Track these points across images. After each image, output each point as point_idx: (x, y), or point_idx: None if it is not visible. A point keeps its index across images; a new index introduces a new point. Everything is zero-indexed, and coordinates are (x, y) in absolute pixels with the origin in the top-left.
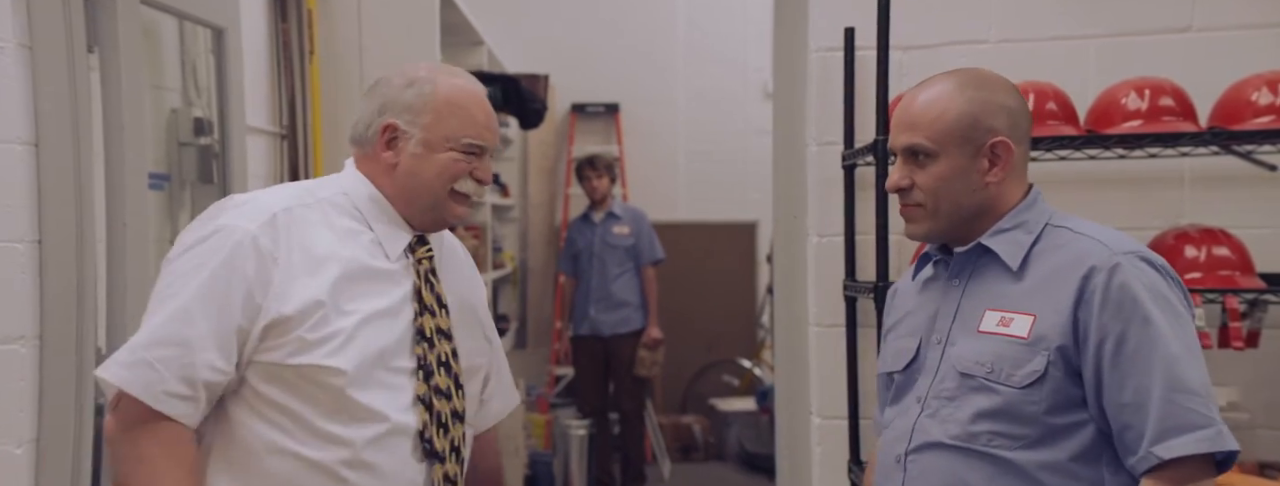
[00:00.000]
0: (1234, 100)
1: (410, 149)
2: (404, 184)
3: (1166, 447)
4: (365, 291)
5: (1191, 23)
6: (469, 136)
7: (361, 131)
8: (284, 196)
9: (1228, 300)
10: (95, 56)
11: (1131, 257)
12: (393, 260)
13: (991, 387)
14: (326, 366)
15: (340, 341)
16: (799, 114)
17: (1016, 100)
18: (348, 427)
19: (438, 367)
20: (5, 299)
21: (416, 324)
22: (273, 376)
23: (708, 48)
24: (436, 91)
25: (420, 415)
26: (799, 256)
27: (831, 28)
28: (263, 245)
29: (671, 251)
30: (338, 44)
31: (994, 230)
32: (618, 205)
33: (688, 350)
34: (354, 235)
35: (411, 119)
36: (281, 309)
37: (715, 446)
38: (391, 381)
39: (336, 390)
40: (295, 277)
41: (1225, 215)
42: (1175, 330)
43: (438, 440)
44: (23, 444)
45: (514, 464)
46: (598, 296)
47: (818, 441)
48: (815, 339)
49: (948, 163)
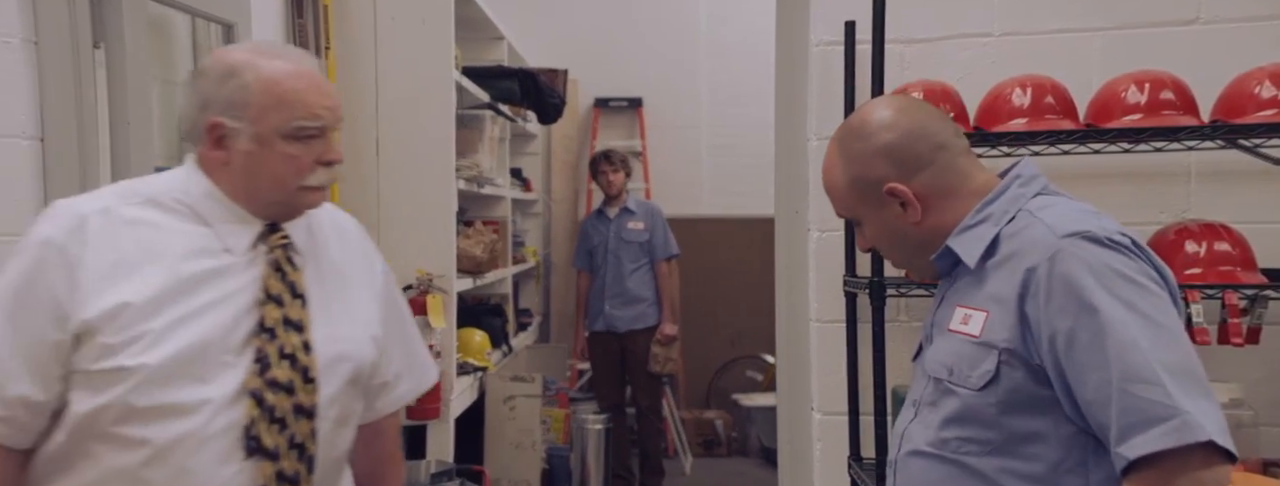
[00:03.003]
0: (1237, 94)
1: (241, 146)
2: (243, 182)
3: (1129, 447)
4: (189, 289)
5: (1198, 15)
6: (300, 120)
7: (189, 129)
8: (104, 197)
9: (1227, 296)
10: (101, 52)
11: (1074, 240)
12: (238, 253)
13: (954, 390)
14: (126, 367)
15: (147, 341)
16: (800, 108)
17: (903, 128)
18: (148, 427)
19: (278, 360)
20: None
21: (257, 314)
22: (78, 384)
23: (731, 41)
24: (257, 79)
25: (248, 409)
26: (800, 252)
27: (832, 21)
28: (69, 252)
29: (695, 246)
30: (352, 39)
31: (959, 229)
32: (633, 200)
33: (711, 345)
34: (181, 233)
35: (236, 114)
36: (84, 315)
37: (738, 441)
38: (211, 376)
39: (135, 388)
40: (102, 281)
41: (1231, 210)
42: (1131, 311)
43: (267, 436)
44: None
45: (531, 458)
46: (613, 292)
47: (818, 437)
48: (816, 334)
49: (869, 223)
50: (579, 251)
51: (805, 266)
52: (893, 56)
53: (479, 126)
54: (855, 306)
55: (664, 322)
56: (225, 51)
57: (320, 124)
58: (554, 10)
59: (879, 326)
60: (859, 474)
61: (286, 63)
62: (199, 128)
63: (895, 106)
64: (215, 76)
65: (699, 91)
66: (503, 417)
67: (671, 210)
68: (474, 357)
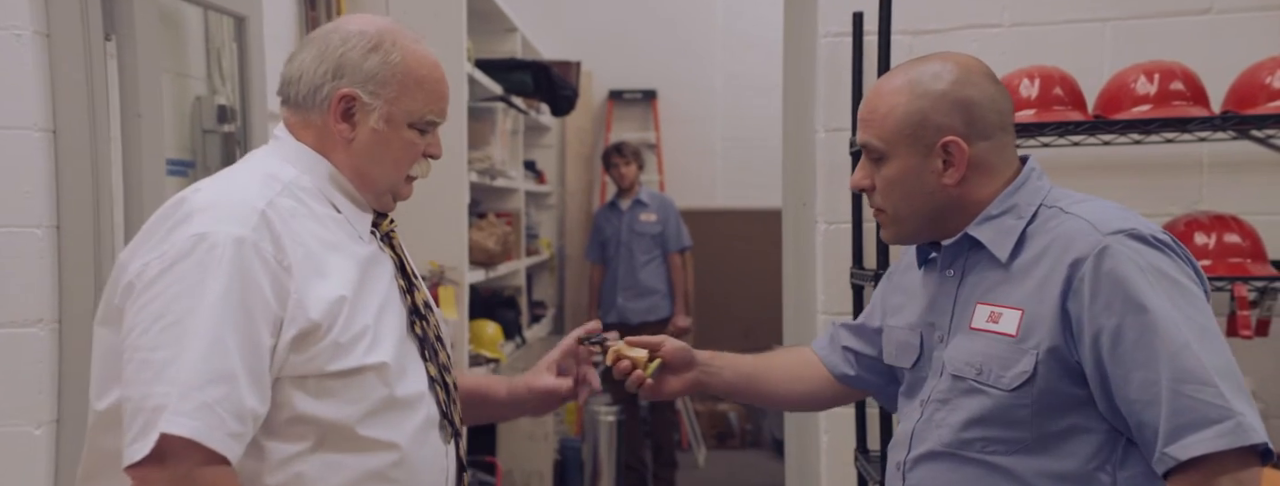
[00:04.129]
0: (1248, 84)
1: (371, 123)
2: (359, 163)
3: (1181, 447)
4: (369, 278)
5: (1212, 4)
6: (433, 113)
7: (306, 94)
8: (253, 189)
9: (1236, 288)
10: (112, 44)
11: (1121, 238)
12: (366, 241)
13: (982, 390)
14: (372, 364)
15: (371, 336)
16: (808, 99)
17: (985, 91)
18: (392, 428)
19: (436, 342)
20: (24, 283)
21: (409, 302)
22: (312, 389)
23: (746, 33)
24: (404, 61)
25: (438, 394)
26: (807, 244)
27: (840, 12)
28: (266, 251)
29: (709, 238)
30: None
31: (981, 217)
32: (645, 192)
33: (724, 337)
34: (334, 220)
35: (374, 90)
36: (309, 316)
37: (751, 433)
38: (412, 367)
39: (382, 387)
40: (309, 279)
41: (1244, 201)
42: (1181, 312)
43: (454, 416)
44: (42, 425)
45: (544, 449)
46: (625, 284)
47: (825, 429)
48: (823, 327)
49: (897, 164)
50: (591, 244)
51: (813, 258)
52: (901, 47)
53: (491, 119)
54: (862, 299)
55: (676, 315)
56: (365, 20)
57: (442, 121)
58: (569, 3)
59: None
60: (865, 466)
61: (430, 52)
62: (324, 95)
63: (984, 70)
64: (360, 47)
65: (714, 83)
66: None
67: (685, 202)
68: (486, 349)
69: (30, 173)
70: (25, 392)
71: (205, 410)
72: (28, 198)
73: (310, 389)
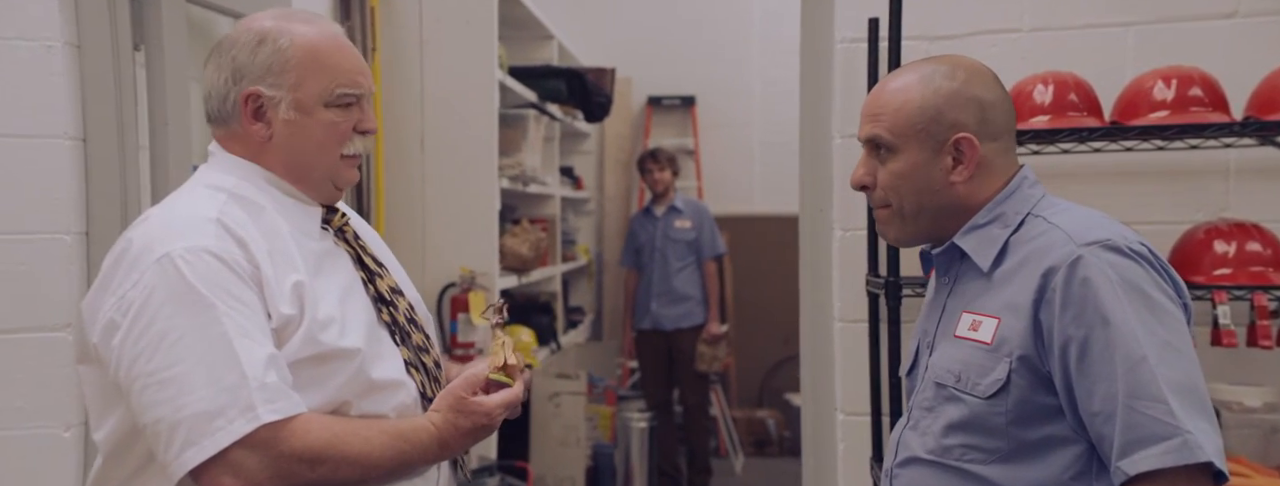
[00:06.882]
0: (1271, 89)
1: (282, 115)
2: (287, 157)
3: (1130, 462)
4: (324, 271)
5: (1238, 8)
6: (342, 87)
7: (218, 106)
8: (201, 204)
9: (1256, 297)
10: (141, 54)
11: (1095, 249)
12: (318, 238)
13: (960, 397)
14: (344, 347)
15: (339, 322)
16: (825, 106)
17: (995, 93)
18: (382, 404)
19: (408, 325)
20: (52, 289)
21: (372, 291)
22: (301, 377)
23: (782, 38)
24: (293, 44)
25: (417, 377)
26: (824, 251)
27: (856, 18)
28: (234, 254)
29: (747, 244)
30: (398, 41)
31: (968, 227)
32: (680, 199)
33: (763, 343)
34: (281, 221)
35: (274, 82)
36: (282, 310)
37: (790, 441)
38: (387, 352)
39: (358, 371)
40: (275, 277)
41: (1272, 208)
42: (1144, 326)
43: (435, 396)
44: (71, 427)
45: (577, 455)
46: (659, 290)
47: (842, 437)
48: (839, 334)
49: (906, 158)
50: (626, 250)
51: (829, 265)
52: (918, 53)
53: (522, 125)
54: (878, 306)
55: (710, 322)
56: (249, 20)
57: (359, 91)
58: (607, 10)
59: (895, 327)
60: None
61: (318, 27)
62: (232, 101)
63: (990, 73)
64: (248, 43)
65: (752, 88)
66: (548, 414)
67: (724, 208)
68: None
69: (60, 180)
70: (54, 395)
71: (271, 389)
72: (57, 205)
73: (301, 375)
